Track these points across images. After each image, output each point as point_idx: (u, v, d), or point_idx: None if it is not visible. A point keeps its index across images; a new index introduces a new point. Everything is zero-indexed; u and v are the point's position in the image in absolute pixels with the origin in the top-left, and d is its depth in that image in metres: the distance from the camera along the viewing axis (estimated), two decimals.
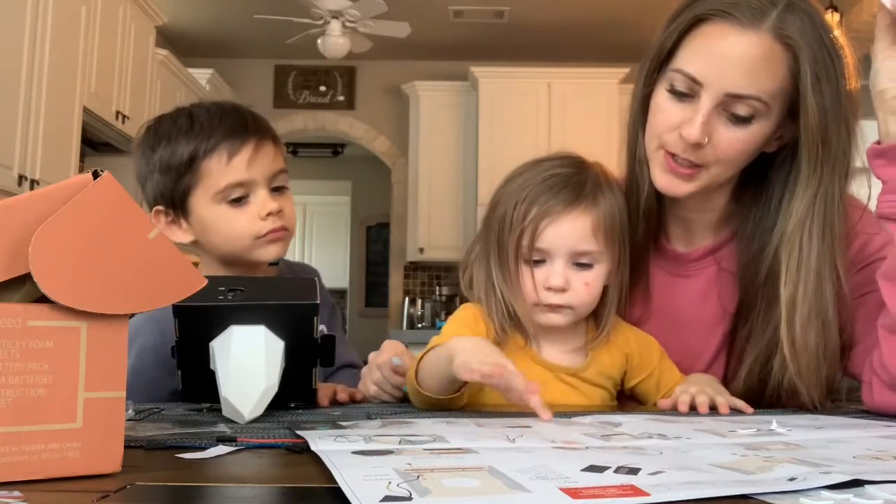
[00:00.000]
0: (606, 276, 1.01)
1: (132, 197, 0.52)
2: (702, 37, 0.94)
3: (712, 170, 0.97)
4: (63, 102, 3.44)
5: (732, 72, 0.91)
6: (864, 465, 0.51)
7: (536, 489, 0.43)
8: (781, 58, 0.92)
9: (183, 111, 1.15)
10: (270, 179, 1.13)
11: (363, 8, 4.61)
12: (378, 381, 1.03)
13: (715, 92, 0.92)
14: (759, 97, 0.92)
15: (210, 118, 1.12)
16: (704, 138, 0.93)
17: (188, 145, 1.09)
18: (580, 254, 0.98)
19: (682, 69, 0.94)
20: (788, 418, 0.81)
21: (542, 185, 0.98)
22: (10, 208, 0.49)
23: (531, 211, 0.97)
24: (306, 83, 6.29)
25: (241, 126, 1.11)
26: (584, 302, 0.99)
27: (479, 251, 1.05)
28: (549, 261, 0.98)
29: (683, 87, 0.95)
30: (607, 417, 0.79)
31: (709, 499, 0.42)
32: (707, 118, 0.93)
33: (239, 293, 0.78)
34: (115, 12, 3.98)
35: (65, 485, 0.47)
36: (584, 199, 0.97)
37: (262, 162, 1.12)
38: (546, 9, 5.20)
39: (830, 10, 4.17)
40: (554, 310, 0.99)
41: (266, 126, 1.16)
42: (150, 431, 0.67)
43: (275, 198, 1.13)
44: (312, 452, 0.55)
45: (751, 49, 0.91)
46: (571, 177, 0.99)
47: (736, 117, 0.93)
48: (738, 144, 0.95)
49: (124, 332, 0.51)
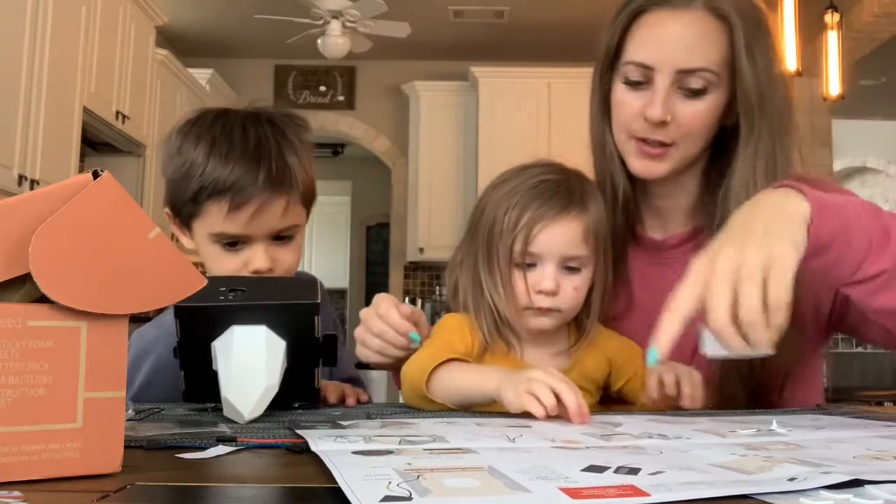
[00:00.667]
0: (592, 280, 1.02)
1: (132, 197, 0.52)
2: (644, 27, 1.02)
3: (681, 146, 1.03)
4: (63, 102, 3.44)
5: (678, 50, 0.99)
6: (864, 465, 0.51)
7: (536, 489, 0.43)
8: (718, 29, 0.99)
9: (214, 125, 1.05)
10: (275, 233, 1.06)
11: (363, 8, 4.61)
12: (381, 331, 1.01)
13: (667, 71, 0.99)
14: (708, 68, 0.99)
15: (229, 151, 1.02)
16: (667, 115, 1.00)
17: (197, 178, 1.02)
18: (570, 258, 0.99)
19: (632, 60, 1.02)
20: (788, 418, 0.81)
21: (533, 190, 0.99)
22: (10, 208, 0.49)
23: (524, 216, 0.98)
24: (306, 83, 6.30)
25: (253, 176, 1.01)
26: (571, 306, 1.01)
27: (465, 257, 1.06)
28: (541, 265, 0.99)
29: (638, 76, 1.02)
30: (607, 417, 0.79)
31: (709, 499, 0.42)
32: (665, 96, 1.00)
33: (240, 293, 0.78)
34: (115, 12, 3.98)
35: (65, 485, 0.47)
36: (574, 205, 0.99)
37: (266, 220, 1.03)
38: (546, 9, 5.20)
39: (830, 10, 4.17)
40: (543, 313, 1.00)
41: (284, 181, 1.03)
42: (150, 431, 0.67)
43: (272, 250, 1.05)
44: (312, 452, 0.55)
45: (690, 26, 0.99)
46: (560, 183, 1.00)
47: (691, 91, 1.00)
48: (700, 116, 1.01)
49: (124, 332, 0.51)
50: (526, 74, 5.61)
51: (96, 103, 3.76)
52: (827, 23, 4.17)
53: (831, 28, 4.17)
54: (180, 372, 0.82)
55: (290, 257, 1.08)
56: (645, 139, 1.03)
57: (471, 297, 1.04)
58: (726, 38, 0.99)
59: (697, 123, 1.01)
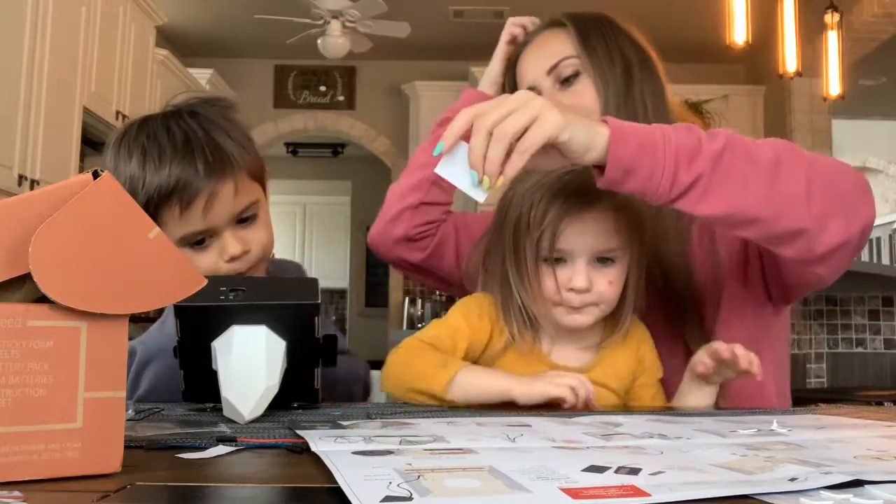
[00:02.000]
0: (628, 271, 0.98)
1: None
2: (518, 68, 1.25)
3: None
4: (63, 102, 3.44)
5: (539, 59, 1.20)
6: (864, 465, 0.51)
7: (537, 489, 0.43)
8: (560, 31, 1.21)
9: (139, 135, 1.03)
10: (235, 217, 1.03)
11: (363, 8, 4.61)
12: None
13: (541, 77, 1.18)
14: (566, 56, 1.17)
15: (161, 154, 1.00)
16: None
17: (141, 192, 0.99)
18: (603, 252, 0.96)
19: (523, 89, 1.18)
20: (789, 418, 0.81)
21: (559, 183, 0.96)
22: (10, 208, 0.49)
23: (550, 211, 0.95)
24: (306, 83, 6.30)
25: (191, 171, 0.99)
26: (608, 299, 0.97)
27: (492, 251, 1.03)
28: (571, 261, 0.96)
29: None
30: (607, 417, 0.79)
31: (709, 499, 0.42)
32: (550, 94, 1.16)
33: (240, 293, 0.78)
34: (115, 12, 3.98)
35: (65, 485, 0.47)
36: (603, 197, 0.95)
37: (221, 206, 1.01)
38: (546, 9, 5.19)
39: (830, 10, 4.17)
40: (578, 311, 0.97)
41: (224, 163, 1.02)
42: (150, 431, 0.67)
43: (240, 234, 1.03)
44: (312, 452, 0.55)
45: (541, 41, 1.22)
46: (587, 173, 0.95)
47: (565, 80, 1.17)
48: (582, 95, 1.16)
49: (124, 332, 0.51)
50: None
51: (96, 103, 3.76)
52: (827, 23, 4.17)
53: (831, 28, 4.17)
54: (180, 371, 0.82)
55: (260, 236, 1.06)
56: None
57: (499, 293, 1.01)
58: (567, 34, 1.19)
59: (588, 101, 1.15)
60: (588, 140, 0.83)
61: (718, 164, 0.85)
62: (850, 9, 4.55)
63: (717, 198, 0.86)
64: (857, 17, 4.59)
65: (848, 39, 4.46)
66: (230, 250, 1.02)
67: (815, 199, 0.87)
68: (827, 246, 0.89)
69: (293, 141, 7.61)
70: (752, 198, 0.86)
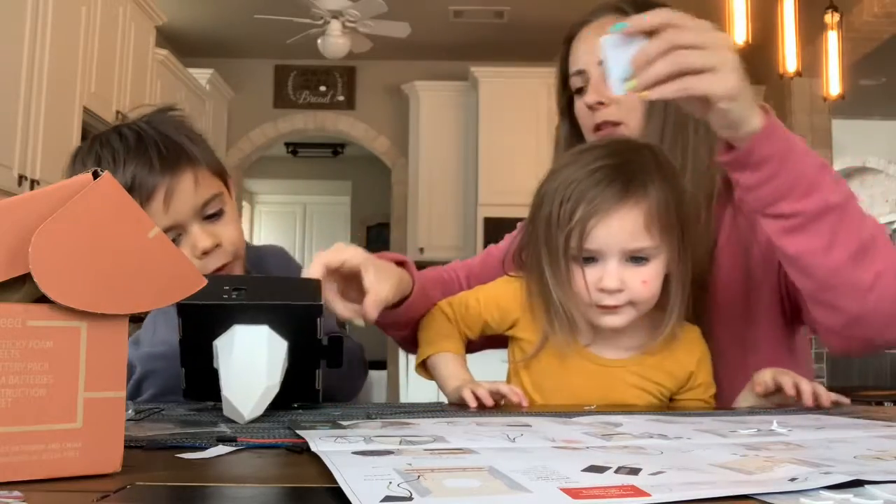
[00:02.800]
0: (666, 268, 0.95)
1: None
2: (573, 47, 1.21)
3: (630, 123, 1.14)
4: (63, 102, 3.44)
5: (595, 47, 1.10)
6: (864, 465, 0.51)
7: (537, 489, 0.43)
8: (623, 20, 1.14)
9: (93, 146, 1.04)
10: (200, 210, 1.03)
11: (363, 8, 4.61)
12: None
13: (593, 65, 1.16)
14: None
15: (115, 157, 1.01)
16: (601, 96, 1.14)
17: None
18: (634, 251, 0.93)
19: (572, 71, 1.20)
20: (789, 418, 0.81)
21: (589, 180, 0.93)
22: (10, 208, 0.49)
23: (578, 210, 0.92)
24: (306, 83, 6.30)
25: (146, 166, 1.00)
26: (643, 298, 0.94)
27: (530, 251, 1.01)
28: (602, 260, 0.93)
29: (579, 82, 1.19)
30: (607, 418, 0.79)
31: (710, 499, 0.42)
32: (597, 84, 1.15)
33: (242, 292, 0.78)
34: (115, 12, 3.98)
35: (65, 485, 0.47)
36: (633, 193, 0.92)
37: (182, 199, 1.01)
38: (546, 9, 5.20)
39: (830, 10, 4.17)
40: (612, 311, 0.94)
41: (179, 155, 1.02)
42: (150, 431, 0.67)
43: (209, 228, 1.03)
44: (312, 452, 0.55)
45: (601, 27, 1.11)
46: (619, 168, 0.93)
47: None
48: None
49: (124, 332, 0.51)
50: (526, 74, 5.61)
51: (96, 103, 3.76)
52: (827, 23, 4.17)
53: (831, 28, 4.17)
54: (181, 369, 0.82)
55: (229, 232, 1.06)
56: (598, 127, 1.16)
57: (536, 287, 1.00)
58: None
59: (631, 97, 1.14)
60: (739, 120, 0.85)
61: (822, 216, 0.87)
62: (850, 9, 4.55)
63: (800, 241, 0.89)
64: (857, 17, 4.59)
65: (848, 39, 4.46)
66: (200, 244, 1.01)
67: (872, 298, 0.90)
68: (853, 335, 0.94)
69: (293, 141, 7.61)
70: (827, 263, 0.89)
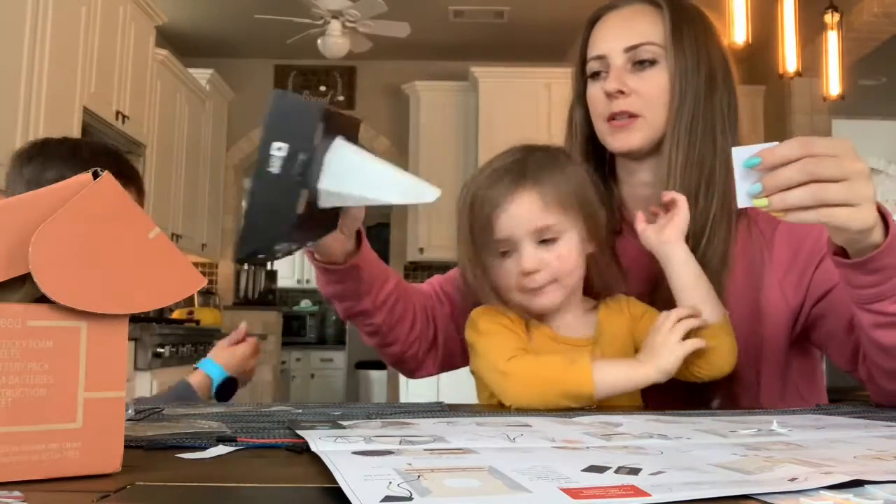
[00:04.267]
0: (580, 246, 1.02)
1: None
2: (595, 31, 1.18)
3: (647, 116, 1.12)
4: (63, 102, 3.44)
5: (621, 33, 1.14)
6: (864, 465, 0.51)
7: (537, 489, 0.43)
8: (654, 12, 1.15)
9: (70, 140, 1.18)
10: None
11: (363, 8, 4.61)
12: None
13: (617, 52, 1.13)
14: (651, 41, 1.12)
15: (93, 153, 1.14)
16: (622, 85, 1.12)
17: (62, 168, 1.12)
18: (540, 230, 1.00)
19: (591, 56, 1.17)
20: (789, 418, 0.81)
21: (488, 180, 1.02)
22: (10, 208, 0.49)
23: (484, 207, 1.01)
24: (306, 83, 6.29)
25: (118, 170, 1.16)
26: (563, 272, 1.01)
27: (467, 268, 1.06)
28: (516, 249, 1.01)
29: (597, 67, 1.15)
30: (607, 418, 0.79)
31: (710, 499, 0.42)
32: (618, 72, 1.12)
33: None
34: (115, 12, 3.98)
35: (65, 485, 0.47)
36: (526, 181, 1.00)
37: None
38: (546, 9, 5.20)
39: (830, 10, 4.17)
40: (541, 293, 1.01)
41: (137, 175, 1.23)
42: (150, 431, 0.67)
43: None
44: (312, 452, 0.55)
45: (629, 15, 1.16)
46: (514, 164, 1.02)
47: (641, 62, 1.13)
48: (654, 85, 1.12)
49: (124, 332, 0.51)
50: (526, 74, 5.60)
51: (96, 103, 3.76)
52: (827, 23, 4.17)
53: (831, 28, 4.16)
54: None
55: None
56: (613, 117, 1.13)
57: (489, 295, 1.04)
58: (661, 19, 1.13)
59: (654, 91, 1.12)
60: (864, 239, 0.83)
61: None
62: (850, 9, 4.55)
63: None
64: (857, 17, 4.59)
65: (848, 39, 4.46)
66: None
67: None
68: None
69: None
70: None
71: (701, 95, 1.12)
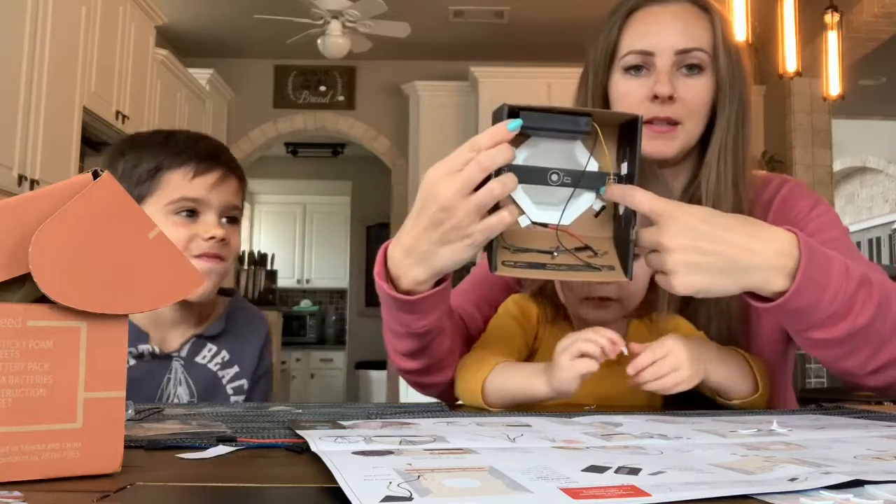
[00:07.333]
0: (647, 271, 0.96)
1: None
2: (638, 22, 1.11)
3: (687, 125, 1.09)
4: (63, 102, 3.44)
5: (673, 33, 1.08)
6: (864, 465, 0.51)
7: (537, 489, 0.43)
8: (702, 17, 1.11)
9: (163, 131, 1.21)
10: (225, 210, 1.18)
11: (363, 8, 4.61)
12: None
13: (667, 53, 1.08)
14: (701, 48, 1.08)
15: (187, 140, 1.18)
16: (674, 90, 1.07)
17: (156, 157, 1.14)
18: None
19: (632, 49, 1.10)
20: (789, 418, 0.81)
21: None
22: (10, 208, 0.49)
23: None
24: (306, 83, 6.30)
25: (214, 154, 1.18)
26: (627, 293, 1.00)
27: None
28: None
29: (637, 61, 1.10)
30: (607, 418, 0.79)
31: (710, 499, 0.42)
32: (669, 75, 1.08)
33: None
34: (115, 12, 3.98)
35: (65, 485, 0.47)
36: None
37: (224, 191, 1.17)
38: (546, 9, 5.20)
39: (830, 10, 4.17)
40: (602, 307, 1.00)
41: (237, 164, 1.22)
42: (150, 431, 0.67)
43: (225, 227, 1.18)
44: (312, 452, 0.55)
45: (680, 14, 1.10)
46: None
47: (690, 68, 1.09)
48: (700, 94, 1.09)
49: (124, 332, 0.51)
50: (526, 74, 5.60)
51: (96, 103, 3.76)
52: (827, 23, 4.17)
53: (831, 28, 4.16)
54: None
55: (236, 239, 1.21)
56: (651, 121, 1.07)
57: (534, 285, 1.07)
58: (709, 24, 1.10)
59: (698, 100, 1.08)
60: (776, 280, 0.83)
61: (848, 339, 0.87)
62: (850, 9, 4.55)
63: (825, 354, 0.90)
64: (857, 17, 4.59)
65: (848, 39, 4.46)
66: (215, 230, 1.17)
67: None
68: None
69: (293, 141, 7.61)
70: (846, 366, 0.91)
71: (730, 127, 1.09)
